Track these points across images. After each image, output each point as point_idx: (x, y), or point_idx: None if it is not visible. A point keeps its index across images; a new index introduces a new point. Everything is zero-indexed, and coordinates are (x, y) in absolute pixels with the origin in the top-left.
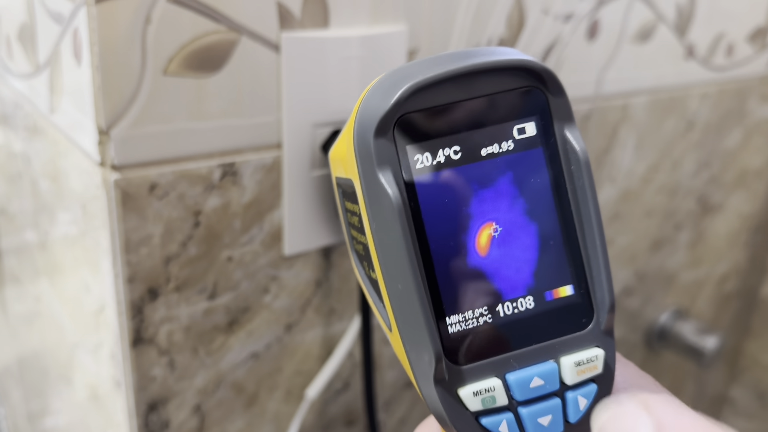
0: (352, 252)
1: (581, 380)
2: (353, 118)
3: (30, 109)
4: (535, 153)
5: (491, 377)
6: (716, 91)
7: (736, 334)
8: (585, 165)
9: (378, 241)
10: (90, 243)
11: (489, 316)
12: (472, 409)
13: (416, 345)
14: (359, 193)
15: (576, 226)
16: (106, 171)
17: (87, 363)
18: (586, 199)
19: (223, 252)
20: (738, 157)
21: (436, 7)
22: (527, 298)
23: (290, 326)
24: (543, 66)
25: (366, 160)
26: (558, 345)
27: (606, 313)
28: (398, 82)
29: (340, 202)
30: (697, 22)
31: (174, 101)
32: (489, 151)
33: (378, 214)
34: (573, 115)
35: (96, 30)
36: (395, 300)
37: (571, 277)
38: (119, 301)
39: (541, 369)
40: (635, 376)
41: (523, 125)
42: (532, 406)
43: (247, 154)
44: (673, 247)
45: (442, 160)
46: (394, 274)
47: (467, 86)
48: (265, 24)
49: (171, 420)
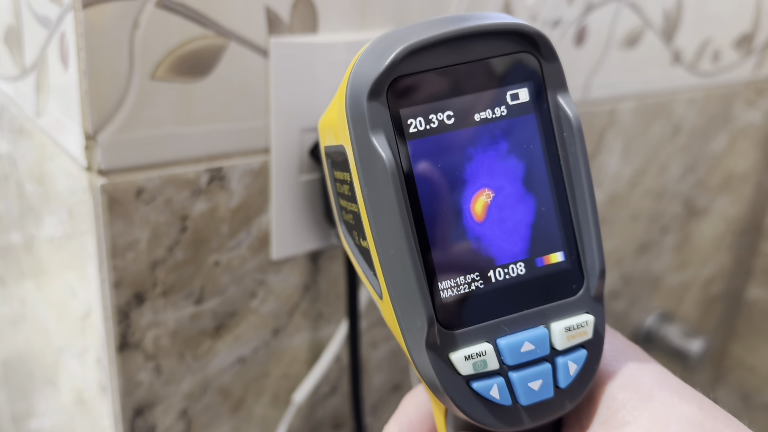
0: (341, 223)
1: (571, 345)
2: (345, 83)
3: (16, 111)
4: (528, 119)
5: (482, 342)
6: (702, 96)
7: (721, 336)
8: (577, 131)
9: (370, 206)
10: (76, 247)
11: (480, 282)
12: (463, 373)
13: (408, 310)
14: (351, 158)
15: (567, 193)
16: (92, 176)
17: (73, 367)
18: (578, 165)
19: (211, 257)
20: (723, 162)
21: (424, 14)
22: (518, 264)
23: (277, 331)
24: (537, 30)
25: (359, 124)
26: (548, 311)
27: (596, 279)
28: (392, 45)
29: (329, 173)
30: (683, 28)
31: (161, 106)
32: (482, 116)
33: (371, 178)
34: (566, 82)
35: (83, 34)
36: (387, 265)
37: (561, 244)
38: (105, 305)
39: (531, 334)
40: (623, 345)
41: (516, 91)
42: (522, 371)
43: (235, 158)
44: (659, 250)
45: (435, 125)
46: (386, 239)
47: (461, 50)
48: (253, 29)
49: (157, 425)
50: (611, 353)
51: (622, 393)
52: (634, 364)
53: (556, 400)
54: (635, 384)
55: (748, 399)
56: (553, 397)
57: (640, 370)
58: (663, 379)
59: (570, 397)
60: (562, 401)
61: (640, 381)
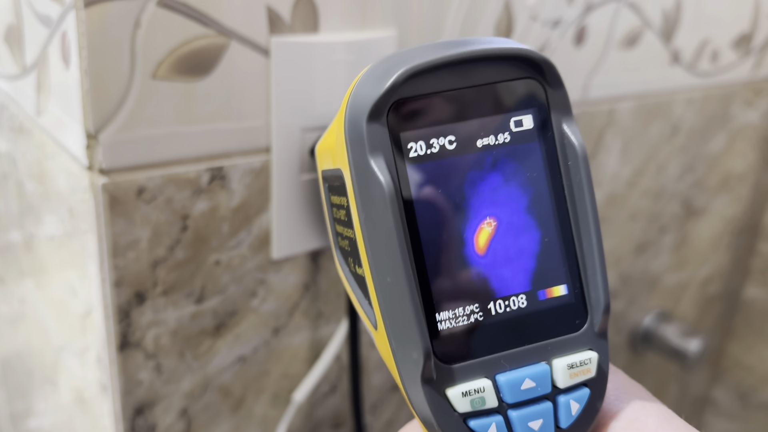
0: (336, 250)
1: (574, 383)
2: (344, 106)
3: (16, 109)
4: (532, 146)
5: (481, 378)
6: (701, 96)
7: (718, 336)
8: (583, 160)
9: (367, 232)
10: (77, 246)
11: (480, 314)
12: (460, 410)
13: (404, 342)
14: (348, 182)
15: (572, 224)
16: (93, 175)
17: (73, 366)
18: (583, 195)
19: (211, 256)
20: (721, 161)
21: (425, 13)
22: (520, 296)
23: (278, 330)
24: (542, 56)
25: (357, 147)
26: (550, 346)
27: (600, 314)
28: (393, 67)
29: (326, 198)
30: (682, 29)
31: (163, 105)
32: (485, 142)
33: (368, 203)
34: (571, 109)
35: (85, 34)
36: (383, 294)
37: (565, 277)
38: (106, 305)
39: (532, 371)
40: (626, 384)
41: (521, 117)
42: (522, 409)
43: (236, 158)
44: (658, 250)
45: (436, 150)
46: (383, 267)
47: (464, 74)
48: (254, 28)
49: (158, 424)
50: (614, 392)
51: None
52: (637, 403)
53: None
54: (638, 425)
55: (746, 398)
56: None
57: (644, 410)
58: (667, 420)
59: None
60: None
61: (643, 422)
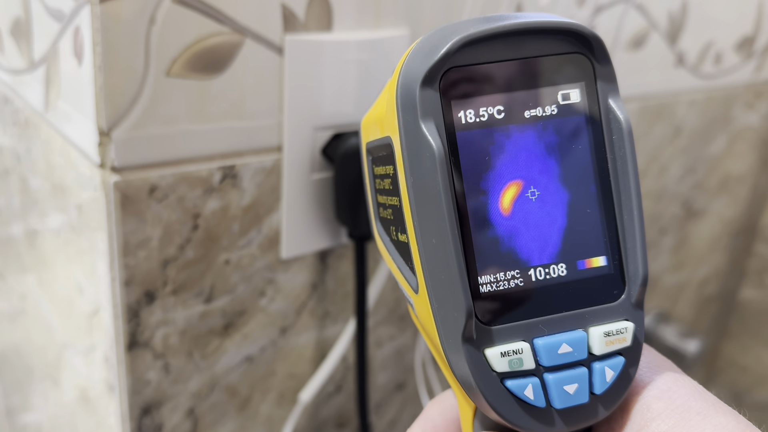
0: (376, 221)
1: (609, 351)
2: (396, 75)
3: (21, 104)
4: (578, 120)
5: (519, 340)
6: (704, 98)
7: (714, 336)
8: (628, 135)
9: (414, 195)
10: (85, 244)
11: (521, 279)
12: (498, 370)
13: (445, 302)
14: (398, 147)
15: (614, 197)
16: (105, 173)
17: (77, 364)
18: (626, 169)
19: (221, 255)
20: (721, 163)
21: (438, 12)
22: (560, 265)
23: (285, 329)
24: (592, 32)
25: (409, 111)
26: (588, 314)
27: (638, 286)
28: (448, 36)
29: (369, 171)
30: (687, 30)
31: (176, 103)
32: (532, 113)
33: (417, 167)
34: (617, 85)
35: (99, 29)
36: (427, 255)
37: (605, 248)
38: (116, 304)
39: (569, 336)
40: (659, 359)
41: (568, 91)
42: (558, 373)
43: (248, 156)
44: (658, 250)
45: (485, 118)
46: (428, 229)
47: (516, 46)
48: (269, 26)
49: (164, 423)
50: (646, 364)
51: (658, 403)
52: (669, 375)
53: (591, 406)
54: (671, 395)
55: (740, 398)
56: (588, 403)
57: (676, 382)
58: (699, 392)
59: (605, 404)
60: (596, 408)
61: (676, 392)
